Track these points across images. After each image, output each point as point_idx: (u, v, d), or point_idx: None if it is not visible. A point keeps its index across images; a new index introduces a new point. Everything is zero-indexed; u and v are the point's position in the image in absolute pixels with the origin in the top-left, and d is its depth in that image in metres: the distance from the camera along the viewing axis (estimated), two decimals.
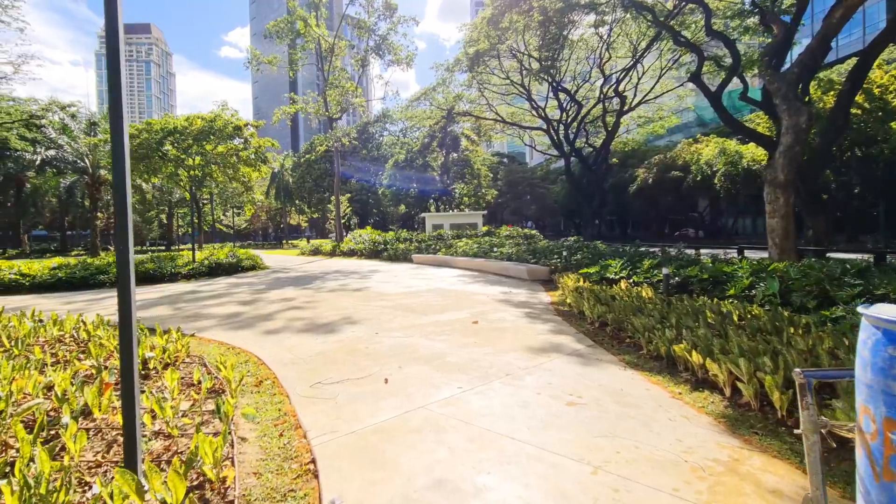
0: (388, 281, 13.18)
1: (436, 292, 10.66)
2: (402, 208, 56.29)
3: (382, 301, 9.41)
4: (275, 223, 71.13)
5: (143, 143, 26.61)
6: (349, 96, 29.84)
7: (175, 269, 14.51)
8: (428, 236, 26.53)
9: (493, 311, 8.22)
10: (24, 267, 12.50)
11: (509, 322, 7.20)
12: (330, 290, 11.24)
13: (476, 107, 40.94)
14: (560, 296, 9.73)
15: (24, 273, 12.16)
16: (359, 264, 20.41)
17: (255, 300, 9.86)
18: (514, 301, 9.30)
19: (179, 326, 6.31)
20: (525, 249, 16.51)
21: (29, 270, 12.37)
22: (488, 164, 52.33)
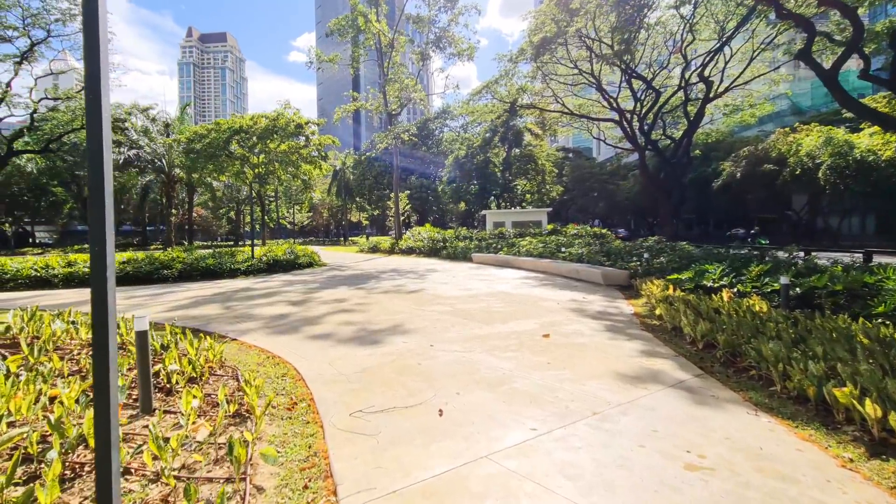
0: (446, 282, 12.44)
1: (498, 297, 9.76)
2: (461, 206, 55.66)
3: (439, 305, 8.66)
4: (336, 220, 73.12)
5: (213, 142, 27.94)
6: (408, 91, 29.52)
7: (234, 265, 14.68)
8: (488, 234, 25.62)
9: (566, 321, 7.20)
10: None
11: (587, 337, 6.17)
12: (384, 292, 10.67)
13: (541, 99, 39.38)
14: (645, 306, 8.49)
15: None
16: (416, 263, 19.91)
17: (305, 300, 9.47)
18: (590, 310, 8.19)
19: (215, 332, 5.90)
20: (597, 250, 15.17)
21: None
22: (553, 159, 50.40)
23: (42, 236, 55.00)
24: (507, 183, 42.57)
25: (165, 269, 13.27)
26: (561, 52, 32.05)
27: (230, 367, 4.77)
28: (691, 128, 32.55)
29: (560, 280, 12.85)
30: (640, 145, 35.59)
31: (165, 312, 8.19)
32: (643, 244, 14.90)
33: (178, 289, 11.63)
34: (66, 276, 12.22)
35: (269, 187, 32.19)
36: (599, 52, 30.67)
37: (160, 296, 10.38)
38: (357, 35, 28.71)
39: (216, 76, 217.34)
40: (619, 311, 8.20)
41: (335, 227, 77.23)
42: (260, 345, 5.88)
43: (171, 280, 13.12)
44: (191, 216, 45.13)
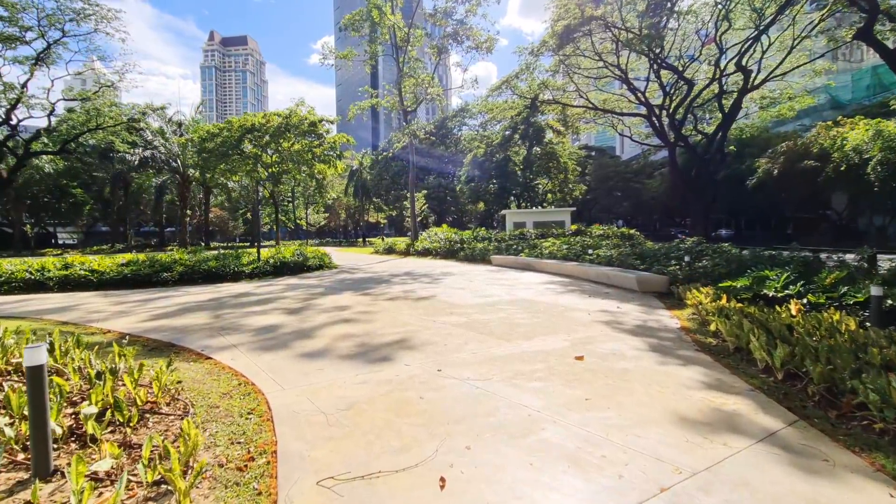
0: (463, 287, 11.41)
1: (520, 305, 8.69)
2: (480, 206, 54.53)
3: (452, 316, 7.63)
4: (354, 221, 72.79)
5: (225, 141, 27.55)
6: (424, 87, 28.59)
7: (239, 267, 13.93)
8: (508, 235, 24.50)
9: (602, 337, 6.10)
10: (94, 264, 12.49)
11: (631, 360, 5.06)
12: (392, 298, 9.70)
13: (563, 94, 38.00)
14: (693, 319, 7.31)
15: (93, 270, 12.10)
16: (432, 265, 18.93)
17: (304, 307, 8.56)
18: (628, 323, 7.06)
19: (190, 348, 4.99)
20: (629, 252, 13.92)
21: (99, 267, 12.32)
22: (575, 157, 48.84)
23: (66, 237, 56.08)
24: (527, 182, 41.32)
25: (165, 271, 12.59)
26: (585, 43, 30.70)
27: (184, 401, 3.82)
28: (727, 121, 30.75)
29: (588, 286, 11.68)
30: (671, 141, 33.91)
31: (146, 322, 7.37)
32: (681, 246, 13.60)
33: (175, 293, 10.88)
34: (61, 280, 11.62)
35: (283, 187, 31.83)
36: (626, 40, 29.22)
37: (151, 301, 9.61)
38: (372, 29, 27.93)
39: (237, 79, 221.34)
40: (663, 324, 7.04)
41: (353, 227, 76.96)
42: (236, 366, 4.94)
43: (171, 284, 12.42)
44: (207, 217, 45.17)
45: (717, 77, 30.23)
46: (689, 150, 34.24)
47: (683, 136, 34.29)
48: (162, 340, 6.09)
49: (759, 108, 38.33)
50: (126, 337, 6.32)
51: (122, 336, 6.41)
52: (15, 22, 23.86)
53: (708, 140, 33.64)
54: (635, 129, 43.40)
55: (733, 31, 29.55)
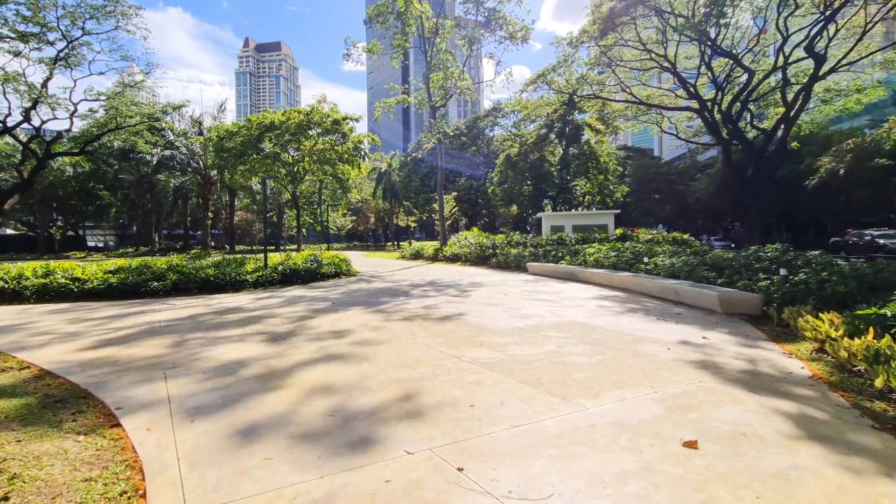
0: (496, 303, 9.43)
1: (571, 330, 6.66)
2: (513, 209, 52.32)
3: (482, 348, 5.69)
4: (383, 224, 71.71)
5: (244, 139, 26.55)
6: (454, 80, 26.76)
7: (241, 275, 12.39)
8: (545, 240, 22.33)
9: (706, 394, 4.06)
10: (78, 271, 11.17)
11: (777, 450, 2.99)
12: (408, 318, 7.82)
13: (603, 89, 35.42)
14: (819, 356, 5.11)
15: (75, 278, 10.77)
16: (461, 273, 17.03)
17: (293, 331, 6.78)
18: (730, 364, 5.00)
19: (96, 404, 3.24)
20: (696, 262, 11.60)
21: (82, 275, 10.99)
22: (615, 157, 46.03)
23: (100, 239, 57.14)
24: (564, 183, 38.91)
25: (157, 280, 11.13)
26: (628, 33, 28.27)
27: None
28: (795, 114, 27.51)
29: (651, 303, 9.49)
30: (724, 138, 30.87)
31: (86, 352, 5.75)
32: (763, 254, 11.17)
33: (156, 307, 9.35)
34: (39, 289, 10.31)
35: (304, 187, 30.74)
36: (677, 25, 26.56)
37: (118, 319, 8.06)
38: (398, 20, 26.37)
39: (271, 84, 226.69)
40: (782, 368, 4.90)
41: (382, 231, 75.93)
42: (145, 446, 3.15)
43: (161, 294, 10.95)
44: (231, 219, 44.73)
45: (780, 66, 27.21)
46: (746, 147, 31.10)
47: (740, 132, 31.19)
48: (79, 386, 4.40)
49: (820, 101, 34.65)
50: (44, 377, 4.68)
51: (39, 375, 4.77)
52: (38, 21, 23.49)
53: (766, 136, 30.47)
54: (681, 127, 40.31)
55: (793, 17, 26.56)
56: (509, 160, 41.46)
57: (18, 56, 24.10)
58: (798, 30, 26.76)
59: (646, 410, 3.77)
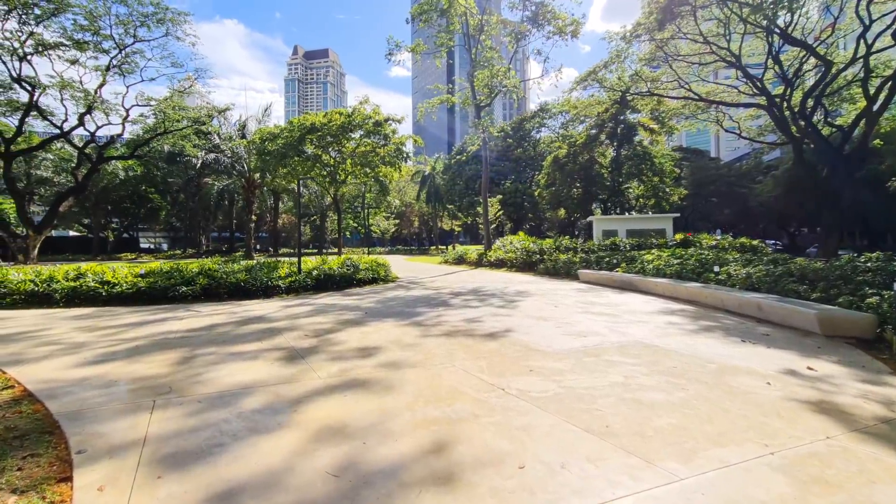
0: (546, 317, 8.37)
1: (639, 354, 5.56)
2: (560, 212, 50.55)
3: (532, 376, 4.70)
4: (427, 228, 71.42)
5: (286, 142, 26.65)
6: (499, 79, 25.75)
7: (273, 281, 11.90)
8: (597, 245, 20.89)
9: (845, 460, 2.94)
10: (108, 274, 11.02)
11: None
12: (447, 334, 6.92)
13: (659, 86, 33.36)
14: None
15: (104, 281, 10.60)
16: (506, 280, 16.00)
17: (315, 347, 6.02)
18: (859, 408, 3.86)
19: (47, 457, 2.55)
20: (780, 272, 10.07)
21: (112, 278, 10.81)
22: (671, 158, 43.48)
23: (152, 241, 59.94)
24: (615, 186, 36.96)
25: (186, 285, 10.79)
26: (687, 25, 26.36)
27: None
28: (878, 108, 24.76)
29: (728, 320, 8.15)
30: (795, 136, 28.20)
31: (82, 368, 5.21)
32: (860, 264, 9.51)
33: (178, 314, 8.93)
34: (68, 293, 10.17)
35: (345, 189, 30.65)
36: (740, 14, 24.44)
37: (134, 328, 7.62)
38: (442, 18, 25.70)
39: (318, 90, 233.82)
40: None
41: (426, 235, 75.69)
42: None
43: (189, 299, 10.60)
44: (275, 223, 45.54)
45: (859, 55, 24.53)
46: (821, 146, 28.29)
47: (815, 130, 28.46)
48: (52, 416, 3.78)
49: None
50: (21, 401, 4.12)
51: (17, 398, 4.21)
52: (94, 29, 24.50)
53: (844, 134, 27.61)
54: (744, 125, 37.50)
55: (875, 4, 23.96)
56: (557, 162, 39.91)
57: (75, 64, 25.26)
58: (881, 16, 24.07)
59: (765, 485, 2.69)
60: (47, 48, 24.40)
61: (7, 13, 22.29)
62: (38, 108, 26.16)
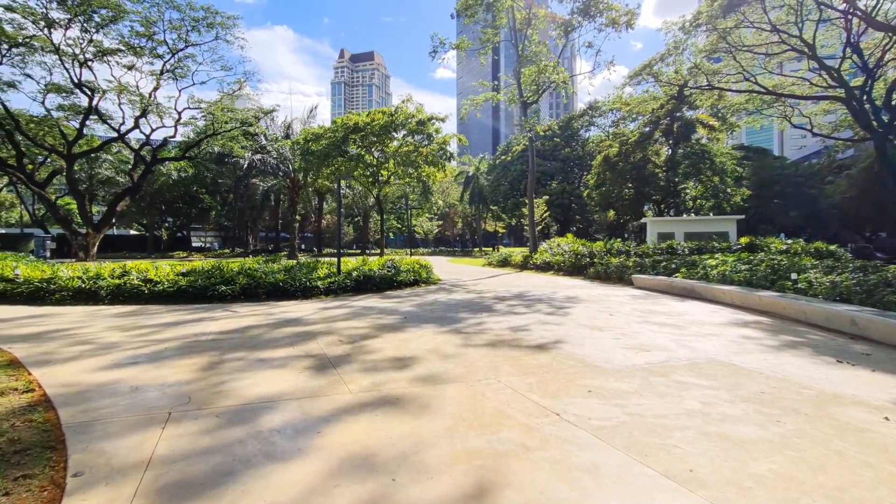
0: (600, 326, 7.66)
1: (717, 375, 4.80)
2: (610, 214, 48.74)
3: (592, 400, 4.08)
4: (470, 229, 70.92)
5: (330, 142, 26.87)
6: (547, 74, 24.88)
7: (312, 281, 11.74)
8: (652, 248, 19.71)
9: None
10: (151, 272, 11.19)
11: None
12: (490, 344, 6.37)
13: (721, 79, 31.35)
14: None
15: (147, 279, 10.76)
16: (553, 284, 15.24)
17: (345, 357, 5.62)
18: None
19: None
20: (874, 280, 8.87)
21: (155, 276, 10.96)
22: (732, 157, 40.93)
23: (204, 240, 62.63)
24: (671, 186, 35.07)
25: (225, 284, 10.79)
26: (754, 13, 24.58)
27: None
28: None
29: (814, 335, 7.15)
30: (878, 131, 25.72)
31: (107, 371, 5.04)
32: None
33: (215, 314, 8.84)
34: (113, 290, 10.37)
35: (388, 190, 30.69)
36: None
37: (170, 327, 7.53)
38: (488, 13, 25.15)
39: (364, 93, 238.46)
40: None
41: (470, 236, 75.21)
42: None
43: (228, 298, 10.57)
44: (319, 223, 46.32)
45: None
46: None
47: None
48: (61, 427, 3.53)
49: None
50: (36, 407, 3.92)
51: (33, 403, 4.02)
52: (149, 35, 25.61)
53: None
54: (816, 121, 34.72)
55: None
56: (608, 161, 38.39)
57: (132, 69, 26.49)
58: None
59: None
60: (106, 54, 25.70)
61: (69, 21, 23.60)
62: (98, 112, 27.61)
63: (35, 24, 23.57)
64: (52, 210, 29.09)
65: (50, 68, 26.07)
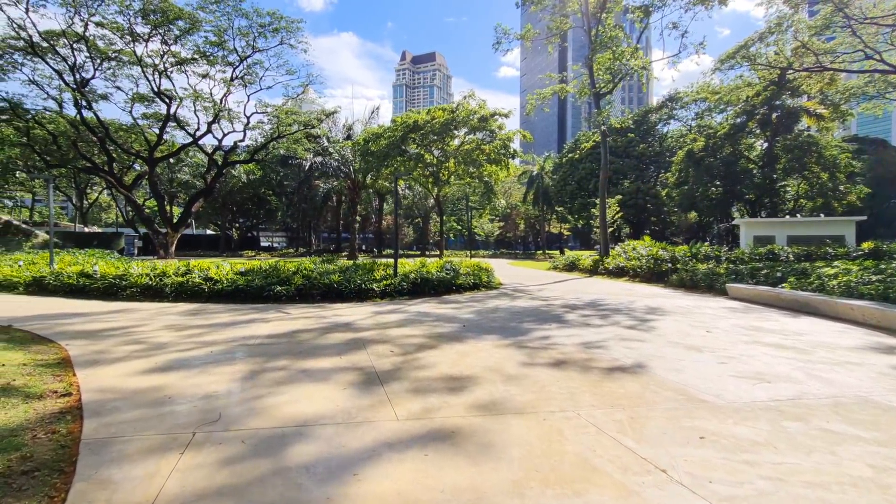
0: (698, 346, 6.56)
1: (877, 424, 3.67)
2: (691, 215, 45.37)
3: (707, 450, 3.17)
4: (534, 232, 69.15)
5: (389, 142, 26.90)
6: (625, 60, 23.26)
7: (368, 283, 11.41)
8: (748, 254, 17.73)
9: None
10: (212, 271, 11.40)
11: None
12: (560, 363, 5.54)
13: (835, 59, 27.86)
14: None
15: (208, 278, 10.96)
16: (630, 292, 13.97)
17: (394, 373, 5.02)
18: None
19: None
20: None
21: (216, 275, 11.13)
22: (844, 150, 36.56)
23: (272, 240, 65.84)
24: (768, 183, 31.80)
25: (281, 284, 10.72)
26: None
27: None
28: None
29: None
30: None
31: (152, 375, 4.81)
32: None
33: (267, 315, 8.66)
34: (176, 287, 10.64)
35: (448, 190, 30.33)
36: None
37: (222, 328, 7.37)
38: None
39: (425, 94, 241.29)
40: None
41: (532, 238, 73.42)
42: None
43: (283, 299, 10.47)
44: (379, 224, 46.90)
45: None
46: None
47: None
48: (78, 445, 3.21)
49: None
50: (64, 416, 3.66)
51: (65, 410, 3.79)
52: (221, 43, 27.04)
53: None
54: None
55: None
56: (691, 157, 35.59)
57: (205, 77, 28.18)
58: None
59: None
60: (183, 63, 27.50)
61: (150, 34, 25.48)
62: (176, 119, 29.56)
63: (122, 38, 25.67)
64: (137, 211, 31.49)
65: (136, 80, 28.41)
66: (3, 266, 14.35)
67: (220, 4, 24.91)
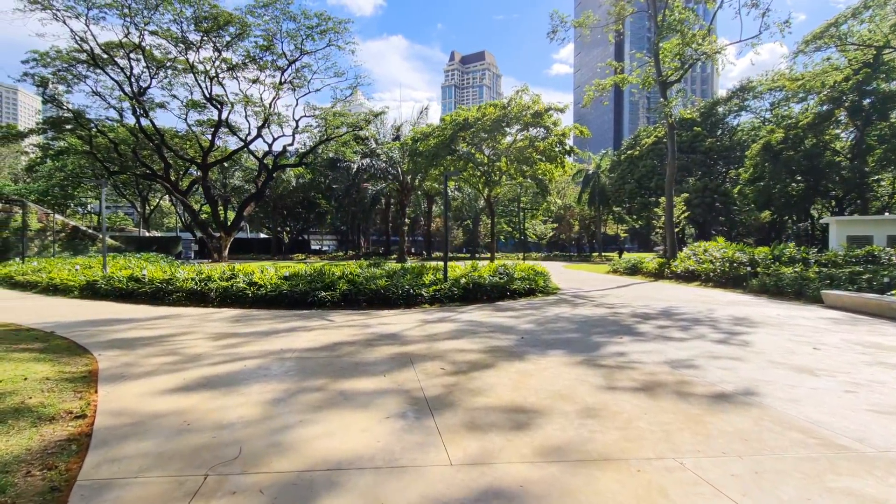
0: (808, 367, 5.53)
1: None
2: (764, 215, 42.20)
3: None
4: (588, 233, 66.85)
5: (438, 141, 26.44)
6: (696, 45, 21.63)
7: (416, 289, 10.88)
8: (842, 256, 15.89)
9: None
10: (256, 276, 11.26)
11: None
12: (645, 387, 4.71)
13: None
14: None
15: (252, 283, 10.81)
16: (706, 298, 12.73)
17: (445, 399, 4.37)
18: None
19: None
20: None
21: (260, 279, 10.98)
22: None
23: (323, 242, 67.35)
24: (857, 178, 28.87)
25: (325, 290, 10.37)
26: None
27: None
28: None
29: None
30: None
31: (171, 395, 4.41)
32: None
33: (310, 323, 8.30)
34: (221, 293, 10.55)
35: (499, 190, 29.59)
36: None
37: (260, 338, 7.02)
38: None
39: (474, 94, 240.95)
40: None
41: (587, 240, 71.04)
42: None
43: (328, 305, 10.12)
44: (429, 226, 46.63)
45: None
46: None
47: None
48: (74, 484, 2.77)
49: None
50: (68, 446, 3.28)
51: (71, 438, 3.41)
52: (270, 46, 27.61)
53: None
54: None
55: None
56: (769, 150, 32.91)
57: (256, 83, 28.93)
58: None
59: None
60: (235, 69, 28.33)
61: (202, 41, 26.37)
62: (228, 124, 30.53)
63: (176, 46, 26.72)
64: (192, 215, 32.74)
65: (190, 88, 29.60)
66: (62, 270, 14.97)
67: (269, 8, 25.45)
